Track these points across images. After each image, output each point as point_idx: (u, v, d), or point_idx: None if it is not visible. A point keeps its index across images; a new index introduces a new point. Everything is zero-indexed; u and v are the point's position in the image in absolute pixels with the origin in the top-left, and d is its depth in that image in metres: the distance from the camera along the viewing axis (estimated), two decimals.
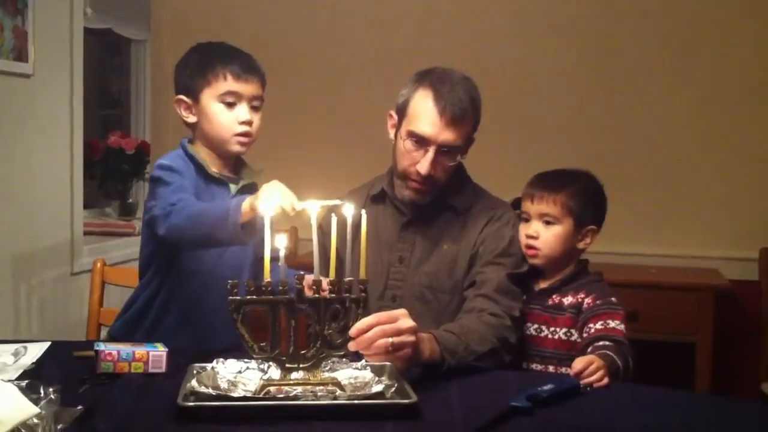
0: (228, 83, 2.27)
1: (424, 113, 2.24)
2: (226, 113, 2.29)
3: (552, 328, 2.28)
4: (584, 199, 2.29)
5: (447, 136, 2.23)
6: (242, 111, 2.29)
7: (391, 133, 2.36)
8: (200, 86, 2.30)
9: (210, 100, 2.29)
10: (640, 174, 4.03)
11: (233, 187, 2.34)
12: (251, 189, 2.32)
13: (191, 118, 2.34)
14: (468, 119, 2.26)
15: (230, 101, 2.28)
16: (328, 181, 2.51)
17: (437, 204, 2.35)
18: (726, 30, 4.00)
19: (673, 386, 2.06)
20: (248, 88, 2.29)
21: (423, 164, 2.24)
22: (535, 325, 2.30)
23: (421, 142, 2.25)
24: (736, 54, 3.99)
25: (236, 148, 2.31)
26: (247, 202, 2.00)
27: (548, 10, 4.15)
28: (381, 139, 2.45)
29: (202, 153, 2.34)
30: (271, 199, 1.91)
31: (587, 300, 2.24)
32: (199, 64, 2.31)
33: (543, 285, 2.34)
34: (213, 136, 2.31)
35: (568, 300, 2.27)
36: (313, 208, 1.84)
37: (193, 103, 2.32)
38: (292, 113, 4.26)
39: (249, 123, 2.29)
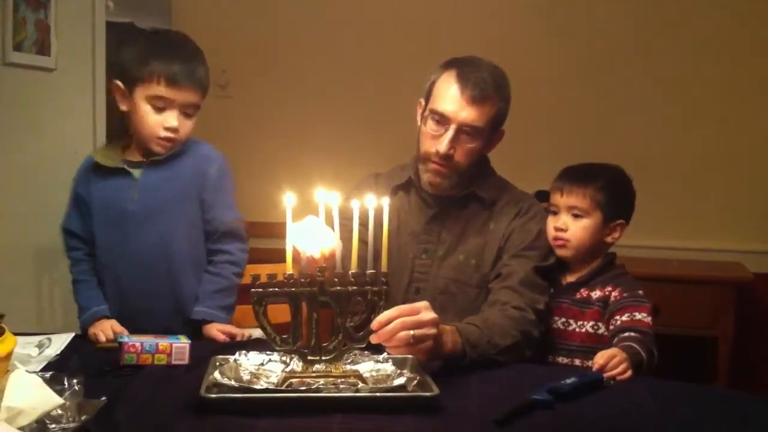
0: (160, 88, 2.24)
1: (447, 92, 2.24)
2: (153, 116, 2.27)
3: (579, 322, 2.27)
4: (613, 193, 2.29)
5: (467, 114, 2.22)
6: (170, 117, 2.26)
7: (419, 120, 2.36)
8: (134, 80, 2.27)
9: (140, 98, 2.27)
10: (663, 167, 4.01)
11: (137, 172, 2.32)
12: (162, 164, 2.32)
13: (123, 107, 2.33)
14: (490, 101, 2.24)
15: (160, 106, 2.26)
16: (336, 172, 2.51)
17: (464, 196, 2.34)
18: (753, 24, 3.97)
19: (695, 380, 2.05)
20: (181, 96, 2.26)
21: (442, 142, 2.24)
22: (563, 319, 2.29)
23: (442, 121, 2.24)
24: (759, 46, 3.97)
25: (157, 149, 2.31)
26: (87, 326, 2.24)
27: (575, 4, 4.13)
28: (393, 131, 2.45)
29: (125, 143, 2.37)
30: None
31: (614, 293, 2.24)
32: (138, 57, 2.27)
33: (570, 279, 2.33)
34: (137, 131, 2.31)
35: (596, 294, 2.27)
36: (334, 198, 1.84)
37: (127, 93, 2.30)
38: (304, 105, 4.28)
39: (174, 130, 2.27)
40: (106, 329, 2.18)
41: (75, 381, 1.56)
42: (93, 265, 2.37)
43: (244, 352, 1.87)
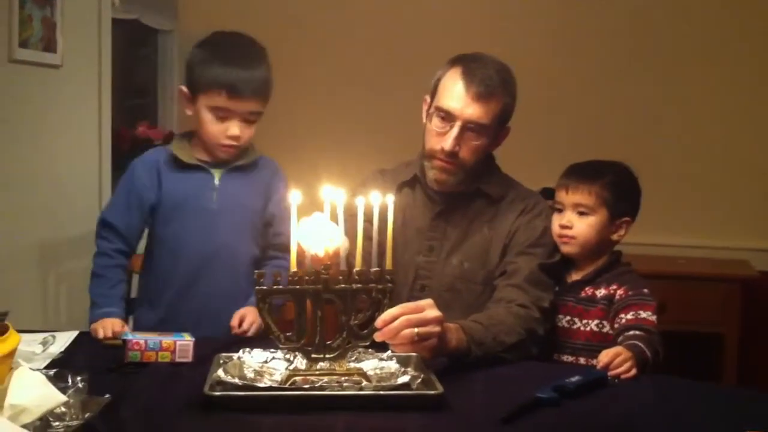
0: (222, 99, 2.25)
1: (452, 89, 2.23)
2: (216, 124, 2.28)
3: (584, 320, 2.26)
4: (619, 190, 2.28)
5: (473, 111, 2.21)
6: (232, 126, 2.28)
7: (425, 116, 2.35)
8: (197, 90, 2.29)
9: (203, 106, 2.28)
10: (669, 164, 4.00)
11: (217, 172, 2.36)
12: (241, 170, 2.37)
13: (188, 111, 2.35)
14: (496, 97, 2.23)
15: (221, 115, 2.27)
16: (343, 168, 2.50)
17: (470, 193, 2.33)
18: (758, 21, 3.96)
19: (701, 378, 2.04)
20: (242, 106, 2.27)
21: (447, 140, 2.22)
22: (567, 317, 2.28)
23: (447, 117, 2.23)
24: (765, 43, 3.96)
25: (221, 155, 2.34)
26: (94, 322, 2.22)
27: (577, 2, 4.12)
28: (400, 128, 2.44)
29: (193, 141, 2.38)
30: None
31: (619, 291, 2.22)
32: (201, 67, 2.29)
33: (576, 277, 2.32)
34: (202, 136, 2.34)
35: (601, 292, 2.26)
36: (340, 196, 1.83)
37: (192, 99, 2.32)
38: (311, 102, 4.28)
39: (236, 138, 2.29)
40: (106, 326, 2.18)
41: (79, 378, 1.56)
42: (119, 262, 2.38)
43: (247, 349, 1.87)
